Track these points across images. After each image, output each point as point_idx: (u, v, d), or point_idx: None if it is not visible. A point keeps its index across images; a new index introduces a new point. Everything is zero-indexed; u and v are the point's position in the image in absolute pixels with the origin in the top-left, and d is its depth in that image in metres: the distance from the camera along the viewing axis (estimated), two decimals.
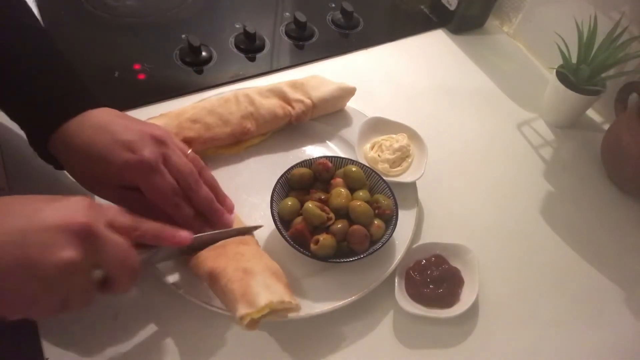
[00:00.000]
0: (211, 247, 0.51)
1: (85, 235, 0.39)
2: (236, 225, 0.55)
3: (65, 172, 0.53)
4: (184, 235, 0.48)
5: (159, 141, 0.50)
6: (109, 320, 0.51)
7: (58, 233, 0.38)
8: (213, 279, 0.48)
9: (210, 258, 0.50)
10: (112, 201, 0.53)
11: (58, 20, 0.79)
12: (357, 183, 0.59)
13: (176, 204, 0.50)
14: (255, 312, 0.45)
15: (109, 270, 0.42)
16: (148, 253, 0.47)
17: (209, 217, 0.54)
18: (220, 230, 0.53)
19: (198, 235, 0.50)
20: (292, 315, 0.51)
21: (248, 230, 0.55)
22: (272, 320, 0.50)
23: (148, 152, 0.48)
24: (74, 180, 0.52)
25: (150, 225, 0.46)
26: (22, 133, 0.52)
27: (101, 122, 0.49)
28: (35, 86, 0.50)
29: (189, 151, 0.54)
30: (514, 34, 0.93)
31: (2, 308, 0.37)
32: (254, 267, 0.49)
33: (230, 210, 0.56)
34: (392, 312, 0.56)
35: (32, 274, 0.37)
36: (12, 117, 0.52)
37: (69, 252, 0.37)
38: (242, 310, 0.45)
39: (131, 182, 0.49)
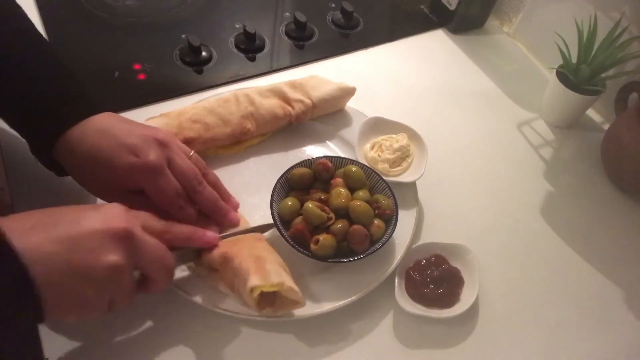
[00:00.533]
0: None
1: (126, 239, 0.41)
2: (241, 224, 0.56)
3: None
4: (213, 235, 0.51)
5: (163, 144, 0.51)
6: (110, 320, 0.50)
7: (102, 238, 0.40)
8: (226, 260, 0.50)
9: (224, 245, 0.52)
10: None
11: (58, 20, 0.79)
12: (357, 183, 0.59)
13: (180, 207, 0.51)
14: (267, 286, 0.46)
15: (147, 271, 0.45)
16: (179, 252, 0.49)
17: (215, 216, 0.54)
18: (241, 229, 0.55)
19: (222, 234, 0.53)
20: (292, 313, 0.51)
21: (264, 228, 0.57)
22: (276, 316, 0.50)
23: (153, 155, 0.49)
24: (74, 180, 0.52)
25: (181, 228, 0.49)
26: None
27: (104, 126, 0.50)
28: (36, 95, 0.50)
29: (192, 153, 0.54)
30: (514, 34, 0.93)
31: (58, 312, 0.39)
32: (266, 256, 0.51)
33: (235, 208, 0.58)
34: (392, 312, 0.56)
35: (84, 278, 0.39)
36: (13, 126, 0.52)
37: (114, 255, 0.40)
38: (254, 281, 0.46)
39: (136, 185, 0.50)
